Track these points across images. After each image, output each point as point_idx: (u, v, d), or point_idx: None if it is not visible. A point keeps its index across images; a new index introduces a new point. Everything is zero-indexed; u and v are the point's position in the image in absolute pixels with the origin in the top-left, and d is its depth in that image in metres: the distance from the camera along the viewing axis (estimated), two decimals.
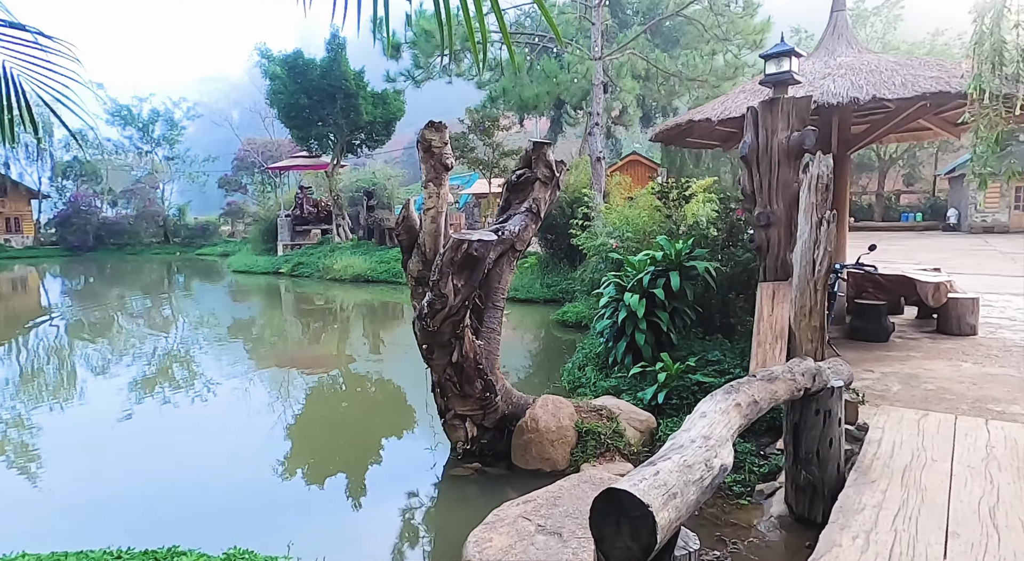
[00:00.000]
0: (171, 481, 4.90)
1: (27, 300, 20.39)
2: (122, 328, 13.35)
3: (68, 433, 6.21)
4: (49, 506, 4.57)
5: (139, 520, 4.24)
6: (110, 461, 5.45)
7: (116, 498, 4.63)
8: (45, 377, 8.86)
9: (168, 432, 6.24)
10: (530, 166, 5.04)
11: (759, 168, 5.48)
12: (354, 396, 7.75)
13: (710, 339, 6.40)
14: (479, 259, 4.10)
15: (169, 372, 8.92)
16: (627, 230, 8.43)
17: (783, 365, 3.47)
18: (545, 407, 4.73)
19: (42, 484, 4.98)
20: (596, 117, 15.31)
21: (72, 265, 35.91)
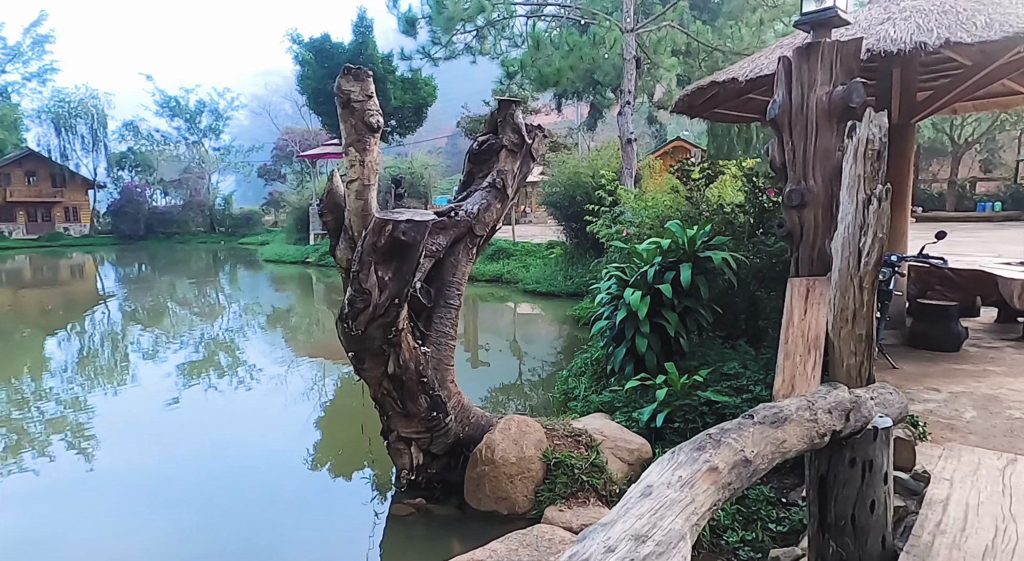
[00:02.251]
0: (200, 465, 5.04)
1: (85, 286, 21.44)
2: (169, 316, 14.09)
3: (120, 416, 6.52)
4: (102, 483, 4.84)
5: (172, 493, 4.49)
6: (156, 443, 5.66)
7: (157, 477, 4.82)
8: (100, 361, 9.39)
9: (203, 417, 6.46)
10: (496, 131, 4.08)
11: (792, 134, 4.34)
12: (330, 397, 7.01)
13: (731, 346, 5.29)
14: (409, 245, 3.19)
15: (213, 359, 9.42)
16: (644, 216, 7.33)
17: (799, 398, 2.43)
18: (506, 431, 3.78)
19: (96, 464, 5.25)
20: (627, 95, 14.11)
21: (124, 253, 37.16)
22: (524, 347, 9.83)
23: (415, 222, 3.16)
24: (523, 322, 12.80)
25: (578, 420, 4.36)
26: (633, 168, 13.85)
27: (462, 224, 3.86)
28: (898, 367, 5.29)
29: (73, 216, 48.29)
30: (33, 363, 9.32)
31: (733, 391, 4.40)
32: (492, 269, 16.75)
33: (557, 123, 39.11)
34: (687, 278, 4.83)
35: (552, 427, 4.07)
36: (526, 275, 15.25)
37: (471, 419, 4.01)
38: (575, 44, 13.05)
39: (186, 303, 16.30)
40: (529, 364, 8.59)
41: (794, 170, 4.32)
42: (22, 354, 10.10)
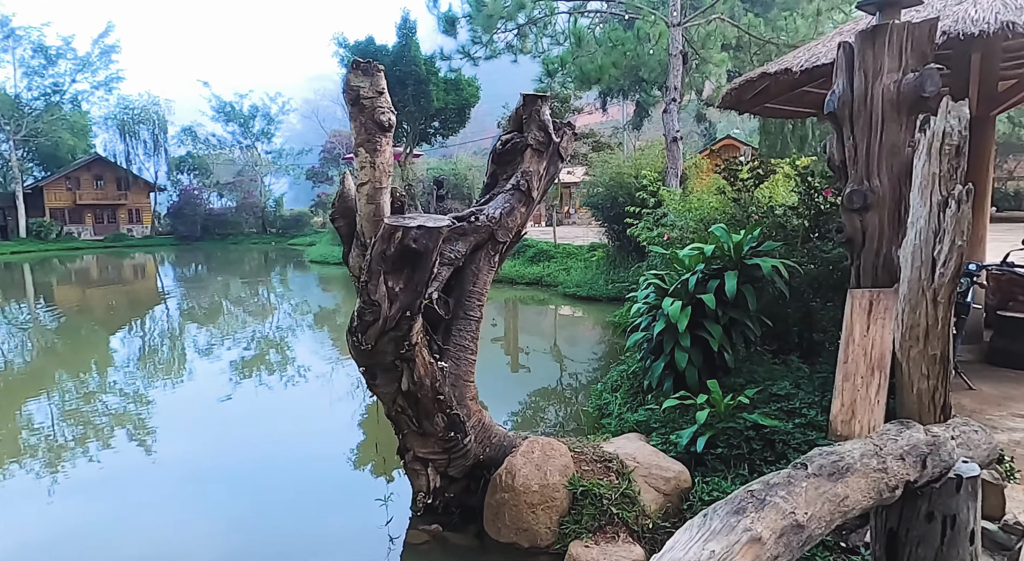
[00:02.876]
0: (238, 463, 5.23)
1: (146, 285, 22.84)
2: (223, 314, 14.88)
3: (176, 410, 6.81)
4: (159, 473, 5.09)
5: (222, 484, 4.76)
6: (210, 436, 5.94)
7: (209, 467, 5.11)
8: (159, 357, 9.84)
9: (251, 415, 6.67)
10: (521, 129, 3.78)
11: (853, 128, 3.88)
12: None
13: (782, 362, 4.84)
14: (421, 253, 2.93)
15: (263, 357, 9.73)
16: (688, 218, 6.90)
17: (864, 442, 2.04)
18: (529, 455, 3.48)
19: (154, 455, 5.48)
20: (673, 92, 13.56)
21: (182, 253, 38.76)
22: (561, 354, 9.50)
23: (427, 229, 2.90)
24: (562, 327, 12.45)
25: (610, 442, 4.01)
26: (679, 168, 13.30)
27: (483, 230, 3.58)
28: (975, 388, 4.73)
29: (136, 218, 50.54)
30: (99, 358, 9.93)
31: (784, 414, 3.97)
32: (532, 271, 16.45)
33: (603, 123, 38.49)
34: (732, 287, 4.41)
35: (580, 450, 3.74)
36: (567, 278, 14.89)
37: (492, 439, 3.72)
38: (618, 40, 12.61)
39: (239, 302, 16.91)
40: (566, 371, 8.26)
41: (856, 169, 3.86)
42: (89, 350, 10.75)
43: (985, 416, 4.21)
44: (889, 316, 3.67)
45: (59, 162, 47.37)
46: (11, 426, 6.27)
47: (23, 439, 5.86)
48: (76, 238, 45.80)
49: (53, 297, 19.20)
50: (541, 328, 12.57)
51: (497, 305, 14.95)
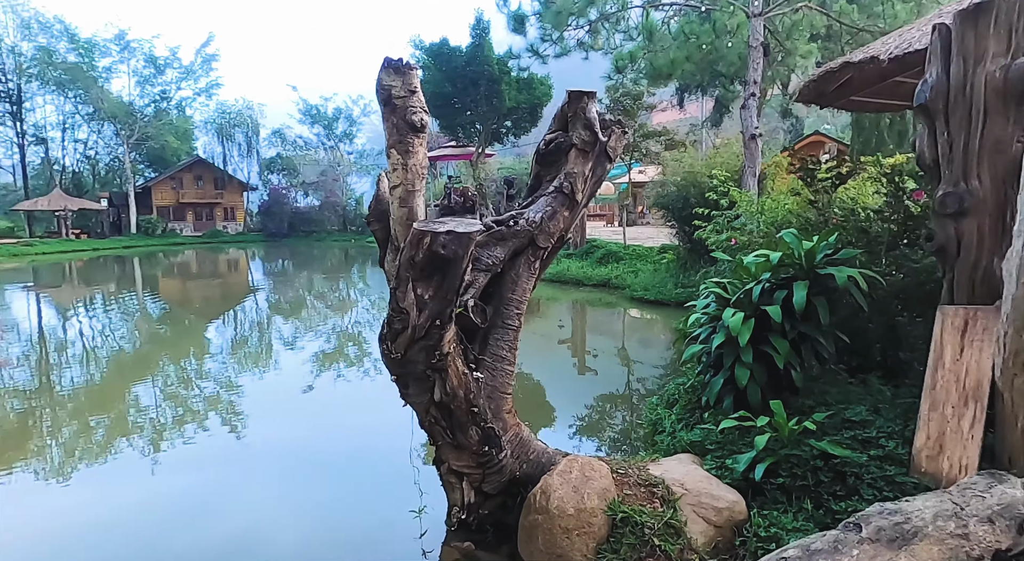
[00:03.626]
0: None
1: (238, 279, 24.83)
2: (307, 308, 15.84)
3: (264, 397, 7.31)
4: (248, 455, 5.52)
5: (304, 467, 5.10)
6: (291, 423, 6.35)
7: (291, 453, 5.45)
8: (249, 347, 10.56)
9: (329, 406, 7.04)
10: (567, 128, 3.57)
11: (949, 122, 3.40)
12: None
13: (860, 382, 4.36)
14: (451, 260, 2.79)
15: (342, 350, 10.28)
16: (760, 221, 6.43)
17: (939, 497, 1.70)
18: (566, 475, 3.27)
19: (244, 438, 5.91)
20: (752, 86, 12.84)
21: (270, 249, 41.08)
22: (627, 358, 9.17)
23: (456, 234, 2.76)
24: (625, 332, 12.06)
25: (658, 463, 3.73)
26: (757, 167, 12.56)
27: (522, 234, 3.40)
28: None
29: (230, 215, 53.96)
30: (196, 347, 10.78)
31: (858, 444, 3.54)
32: (600, 273, 16.09)
33: (680, 120, 37.24)
34: (801, 299, 4.00)
35: (624, 472, 3.49)
36: (634, 281, 14.44)
37: (530, 455, 3.54)
38: (693, 33, 12.04)
39: (321, 296, 17.79)
40: (631, 377, 7.94)
41: (951, 168, 3.39)
42: (188, 339, 11.72)
43: None
44: (988, 338, 3.19)
45: (165, 164, 51.38)
46: (121, 407, 6.93)
47: (131, 418, 6.49)
48: (178, 234, 49.41)
49: (158, 288, 20.93)
50: (604, 331, 12.24)
51: (564, 306, 14.74)
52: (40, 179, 48.41)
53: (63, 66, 43.38)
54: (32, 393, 7.56)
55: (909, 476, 3.22)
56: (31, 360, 9.50)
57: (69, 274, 26.33)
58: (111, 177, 51.08)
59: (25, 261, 32.49)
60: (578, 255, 18.16)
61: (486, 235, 3.42)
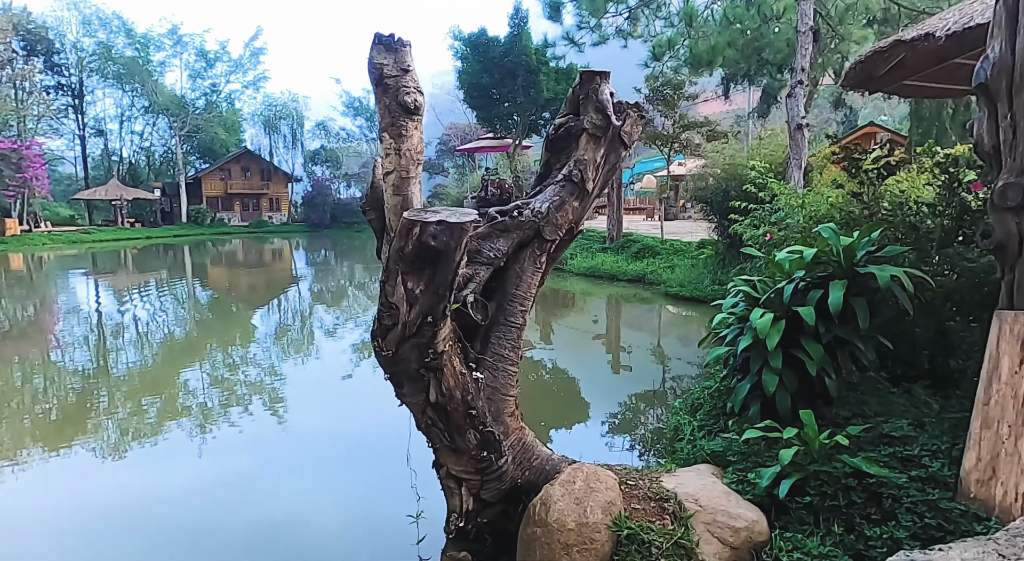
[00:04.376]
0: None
1: (283, 267, 25.70)
2: (346, 297, 16.36)
3: (305, 384, 7.54)
4: (290, 439, 5.67)
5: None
6: (327, 411, 6.48)
7: (317, 442, 5.58)
8: (291, 335, 10.91)
9: (365, 393, 7.10)
10: (578, 112, 3.31)
11: (1012, 103, 3.00)
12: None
13: (905, 391, 3.98)
14: (442, 252, 2.59)
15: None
16: (800, 215, 6.01)
17: (979, 543, 1.41)
18: (569, 485, 3.04)
19: (285, 423, 6.06)
20: (800, 73, 12.20)
21: (313, 240, 41.99)
22: (657, 358, 8.83)
23: (448, 224, 2.55)
24: (661, 329, 11.67)
25: (674, 474, 3.46)
26: (803, 159, 11.94)
27: (527, 226, 3.17)
28: None
29: (275, 206, 55.29)
30: (242, 333, 11.13)
31: (898, 462, 3.20)
32: (635, 268, 15.67)
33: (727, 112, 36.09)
34: (837, 300, 3.65)
35: (634, 483, 3.24)
36: (670, 276, 13.98)
37: (534, 462, 3.32)
38: (738, 18, 11.48)
39: (360, 286, 18.10)
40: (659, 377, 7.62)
41: (1013, 156, 2.99)
42: (235, 326, 12.08)
43: None
44: None
45: (214, 155, 52.99)
46: (171, 391, 7.18)
47: (180, 402, 6.73)
48: (226, 224, 50.91)
49: (207, 276, 21.65)
50: (637, 327, 11.89)
51: (598, 301, 14.47)
52: (99, 170, 50.63)
53: (121, 61, 45.15)
54: (89, 374, 7.98)
55: (955, 502, 2.87)
56: (89, 342, 10.01)
57: (124, 261, 27.45)
58: (165, 168, 53.00)
59: (83, 248, 34.04)
60: (613, 249, 17.76)
61: (488, 226, 3.21)
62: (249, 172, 54.10)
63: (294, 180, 55.92)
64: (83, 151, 48.79)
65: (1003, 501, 2.74)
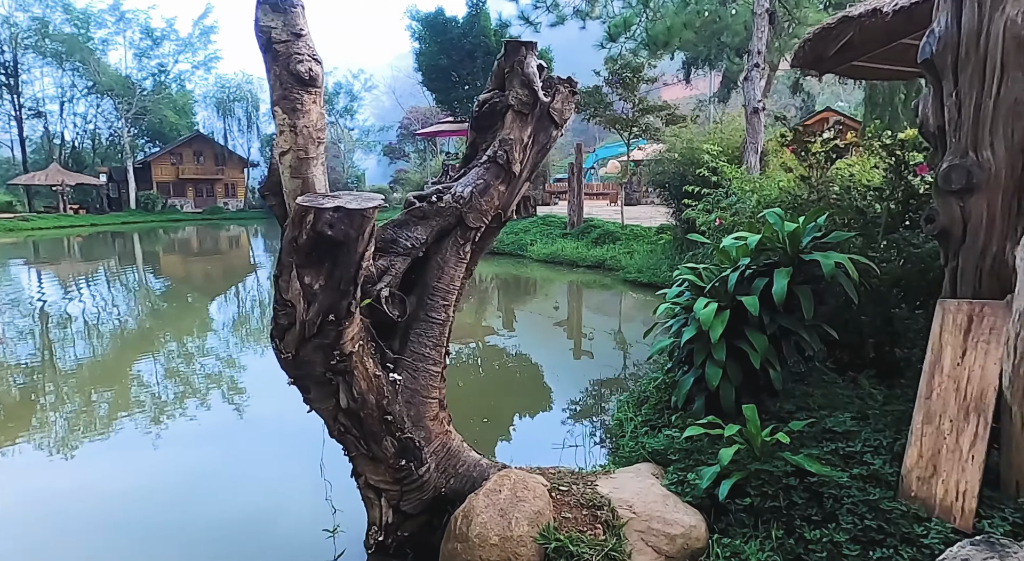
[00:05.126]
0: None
1: (240, 254, 25.04)
2: None
3: (264, 373, 7.04)
4: (247, 430, 5.49)
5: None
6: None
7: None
8: (250, 324, 10.51)
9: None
10: (504, 87, 3.03)
11: (958, 80, 2.84)
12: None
13: (848, 382, 3.87)
14: (340, 243, 2.30)
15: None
16: (750, 199, 5.88)
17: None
18: (494, 495, 2.81)
19: (244, 414, 5.83)
20: (755, 57, 12.14)
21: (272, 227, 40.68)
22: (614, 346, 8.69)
23: (347, 211, 2.26)
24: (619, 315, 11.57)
25: (610, 477, 3.27)
26: (759, 143, 11.91)
27: (448, 212, 2.89)
28: None
29: (231, 192, 53.53)
30: (199, 323, 10.65)
31: (840, 460, 3.06)
32: (594, 254, 15.54)
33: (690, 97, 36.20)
34: (781, 288, 3.48)
35: (567, 489, 3.03)
36: (629, 262, 13.89)
37: (459, 468, 3.08)
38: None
39: None
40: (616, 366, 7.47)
41: (958, 136, 2.84)
42: (190, 316, 11.53)
43: None
44: (996, 339, 2.67)
45: (165, 139, 50.85)
46: (124, 383, 6.83)
47: (133, 395, 6.38)
48: (179, 210, 49.04)
49: (159, 264, 20.74)
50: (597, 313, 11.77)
51: (559, 288, 14.33)
52: (40, 153, 48.03)
53: (59, 37, 42.70)
54: (34, 368, 7.47)
55: (897, 501, 2.73)
56: (34, 335, 9.41)
57: (68, 250, 26.13)
58: (112, 152, 50.61)
59: (22, 236, 32.28)
60: (574, 235, 17.60)
61: (404, 213, 2.92)
62: (202, 156, 52.17)
63: (250, 165, 54.17)
64: (20, 133, 46.16)
65: (944, 500, 2.61)
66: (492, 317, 11.32)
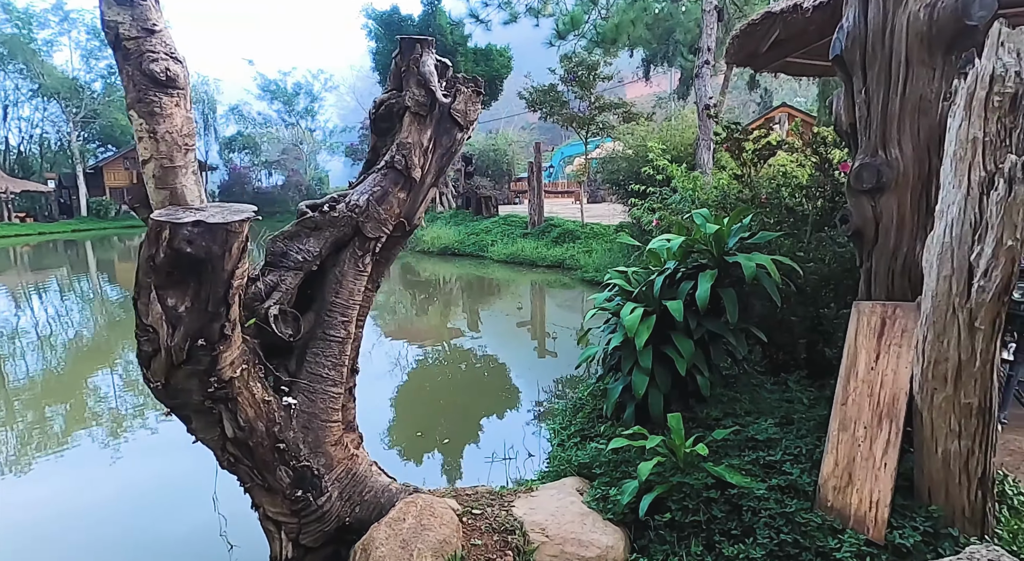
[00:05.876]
0: None
1: None
2: None
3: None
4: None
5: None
6: None
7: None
8: None
9: None
10: (402, 88, 2.86)
11: (866, 77, 2.77)
12: None
13: (778, 385, 3.80)
14: (202, 261, 2.10)
15: None
16: (691, 198, 5.81)
17: None
18: (398, 524, 2.64)
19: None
20: (706, 54, 12.17)
21: None
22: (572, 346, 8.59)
23: (208, 226, 2.06)
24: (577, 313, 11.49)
25: (530, 494, 3.12)
26: (712, 140, 11.96)
27: (342, 222, 2.70)
28: None
29: None
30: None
31: (761, 469, 2.97)
32: (554, 254, 15.46)
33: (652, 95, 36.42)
34: (705, 292, 3.39)
35: (480, 513, 2.88)
36: (587, 261, 13.83)
37: (366, 495, 2.89)
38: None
39: None
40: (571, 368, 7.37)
41: (868, 134, 2.76)
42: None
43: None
44: (907, 342, 2.60)
45: (117, 143, 49.03)
46: (79, 395, 6.58)
47: (90, 408, 6.14)
48: (134, 216, 47.41)
49: (114, 272, 19.89)
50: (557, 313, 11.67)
51: (519, 288, 14.23)
52: None
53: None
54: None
55: (813, 513, 2.65)
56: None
57: (15, 259, 24.98)
58: (61, 157, 48.67)
59: None
60: (534, 235, 17.49)
61: (295, 224, 2.73)
62: None
63: (209, 169, 52.70)
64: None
65: (858, 510, 2.53)
66: (457, 319, 11.27)
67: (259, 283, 2.64)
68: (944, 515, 2.45)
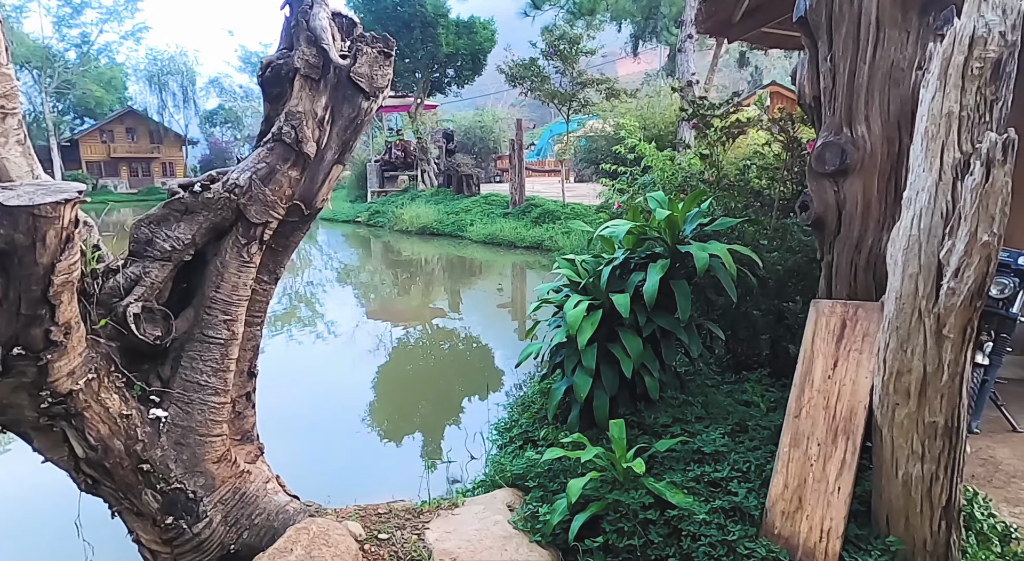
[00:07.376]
0: None
1: None
2: None
3: None
4: None
5: None
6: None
7: None
8: None
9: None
10: (292, 46, 2.44)
11: (832, 42, 2.39)
12: None
13: (737, 385, 3.48)
14: (5, 253, 1.71)
15: (293, 313, 10.25)
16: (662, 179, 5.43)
17: None
18: (283, 556, 2.29)
19: None
20: (690, 27, 11.68)
21: None
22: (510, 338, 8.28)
23: (8, 210, 1.67)
24: None
25: (451, 512, 2.79)
26: None
27: (219, 205, 2.30)
28: (1022, 430, 3.31)
29: (169, 171, 50.81)
30: None
31: (705, 487, 2.64)
32: (534, 235, 15.07)
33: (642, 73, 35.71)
34: (653, 285, 3.03)
35: (387, 537, 2.54)
36: (566, 242, 13.44)
37: (256, 518, 2.54)
38: None
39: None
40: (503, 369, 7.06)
41: (832, 109, 2.39)
42: None
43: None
44: (869, 347, 2.27)
45: (94, 116, 47.67)
46: None
47: None
48: (112, 191, 46.25)
49: None
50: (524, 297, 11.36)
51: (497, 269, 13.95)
52: None
53: None
54: None
55: (759, 540, 2.33)
56: None
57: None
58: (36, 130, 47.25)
59: None
60: (515, 215, 17.06)
61: (162, 206, 2.32)
62: (135, 134, 49.26)
63: (188, 143, 51.53)
64: None
65: (808, 540, 2.22)
66: (439, 299, 11.24)
67: (118, 276, 2.25)
68: (903, 548, 2.14)
